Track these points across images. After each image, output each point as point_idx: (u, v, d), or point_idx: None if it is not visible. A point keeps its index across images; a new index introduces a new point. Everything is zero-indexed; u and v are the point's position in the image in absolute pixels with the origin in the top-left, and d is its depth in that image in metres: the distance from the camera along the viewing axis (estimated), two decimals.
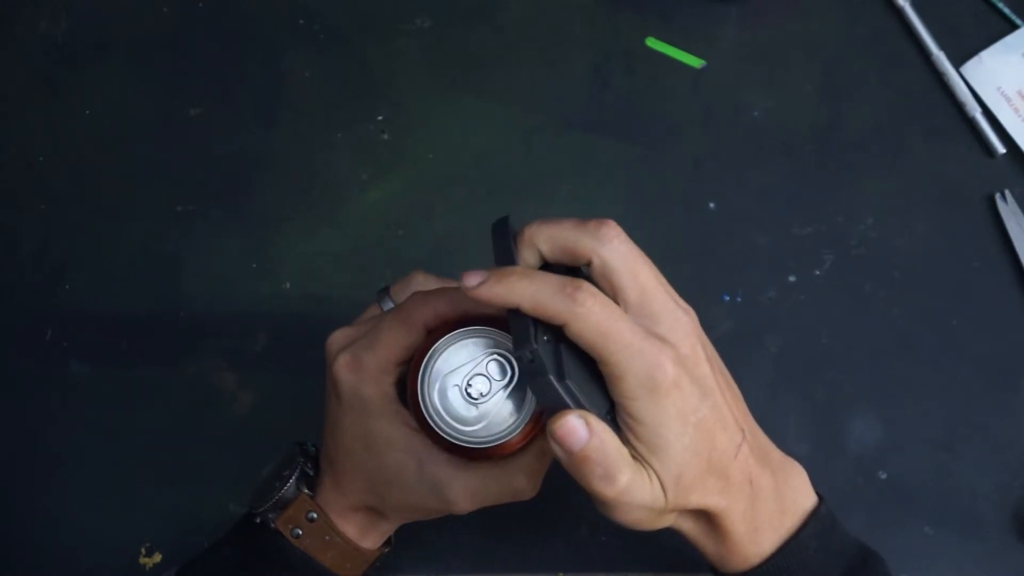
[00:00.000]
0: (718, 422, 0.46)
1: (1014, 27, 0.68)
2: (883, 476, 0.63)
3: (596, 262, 0.45)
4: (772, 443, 0.51)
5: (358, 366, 0.50)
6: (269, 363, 0.66)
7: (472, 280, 0.46)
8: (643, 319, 0.45)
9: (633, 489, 0.45)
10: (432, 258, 0.67)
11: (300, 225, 0.68)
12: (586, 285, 0.44)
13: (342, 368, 0.50)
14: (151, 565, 0.63)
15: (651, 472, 0.45)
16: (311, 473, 0.54)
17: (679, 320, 0.45)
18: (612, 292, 0.45)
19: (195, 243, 0.68)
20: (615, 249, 0.45)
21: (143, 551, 0.64)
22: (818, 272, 0.66)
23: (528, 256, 0.47)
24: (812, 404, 0.64)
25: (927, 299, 0.65)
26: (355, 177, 0.69)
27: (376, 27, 0.71)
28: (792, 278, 0.66)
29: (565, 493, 0.52)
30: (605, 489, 0.44)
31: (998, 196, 0.65)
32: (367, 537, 0.54)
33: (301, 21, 0.71)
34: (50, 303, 0.68)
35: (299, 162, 0.69)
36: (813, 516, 0.49)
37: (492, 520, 0.60)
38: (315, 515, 0.52)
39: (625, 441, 0.45)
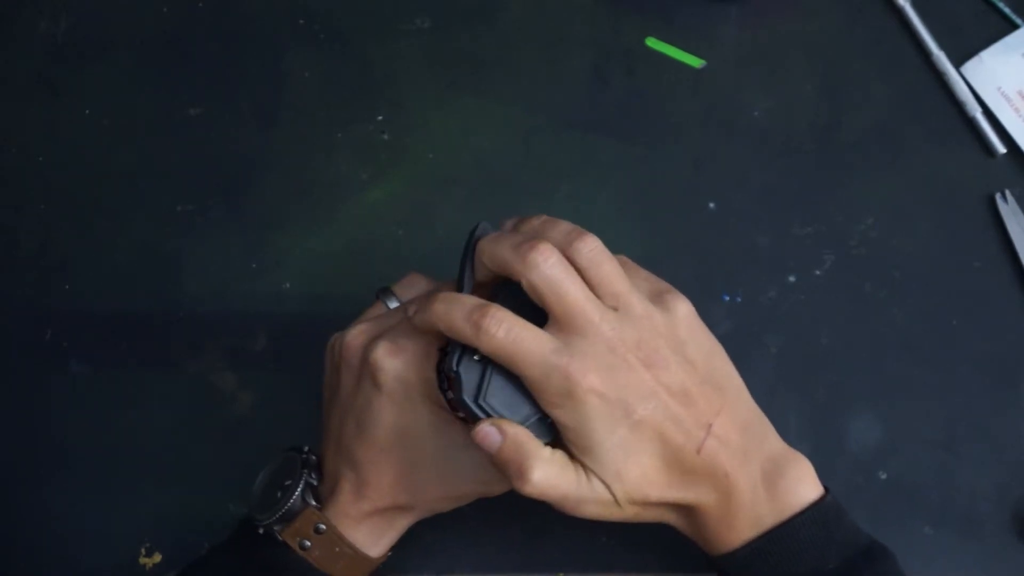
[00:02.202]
0: (667, 421, 0.47)
1: (1014, 27, 0.68)
2: (883, 476, 0.63)
3: (525, 284, 0.47)
4: (771, 437, 0.52)
5: (400, 350, 0.51)
6: (269, 363, 0.66)
7: (411, 308, 0.50)
8: (567, 335, 0.47)
9: (555, 485, 0.47)
10: (432, 258, 0.67)
11: (300, 225, 0.68)
12: (493, 310, 0.46)
13: (384, 355, 0.51)
14: (151, 565, 0.63)
15: (588, 471, 0.47)
16: (315, 483, 0.54)
17: (600, 335, 0.47)
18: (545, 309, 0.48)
19: (195, 243, 0.68)
20: (540, 274, 0.47)
21: (143, 551, 0.64)
22: (818, 272, 0.66)
23: (479, 270, 0.50)
24: (812, 404, 0.64)
25: (927, 299, 0.65)
26: (355, 177, 0.69)
27: (376, 27, 0.71)
28: (792, 278, 0.66)
29: None
30: (522, 486, 0.47)
31: (998, 196, 0.65)
32: (378, 541, 0.54)
33: (301, 21, 0.71)
34: (50, 303, 0.68)
35: (299, 162, 0.69)
36: (812, 506, 0.50)
37: (492, 520, 0.61)
38: (323, 526, 0.52)
39: (562, 444, 0.48)
